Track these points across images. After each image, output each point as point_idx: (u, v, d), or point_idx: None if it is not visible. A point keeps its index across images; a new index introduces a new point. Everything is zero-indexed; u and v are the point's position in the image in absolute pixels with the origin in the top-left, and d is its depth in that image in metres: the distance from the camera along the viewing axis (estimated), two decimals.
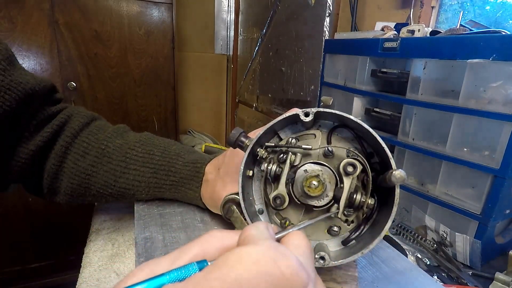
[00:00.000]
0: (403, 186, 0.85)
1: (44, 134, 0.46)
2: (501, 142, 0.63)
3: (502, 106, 0.63)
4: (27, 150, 0.45)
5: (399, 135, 0.87)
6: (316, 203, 0.32)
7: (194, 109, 2.30)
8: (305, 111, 0.32)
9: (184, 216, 0.48)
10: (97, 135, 0.49)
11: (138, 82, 1.62)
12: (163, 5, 1.58)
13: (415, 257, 0.75)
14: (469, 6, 1.07)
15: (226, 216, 0.40)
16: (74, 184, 0.48)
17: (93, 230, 0.52)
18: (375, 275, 0.39)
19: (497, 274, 0.65)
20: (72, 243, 1.36)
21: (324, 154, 0.34)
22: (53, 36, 1.39)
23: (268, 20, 1.69)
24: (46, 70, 1.41)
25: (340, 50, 1.11)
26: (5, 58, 0.42)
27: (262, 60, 1.82)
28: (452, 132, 0.72)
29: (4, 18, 1.28)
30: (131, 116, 1.65)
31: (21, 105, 0.42)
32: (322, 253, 0.30)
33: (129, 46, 1.55)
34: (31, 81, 0.44)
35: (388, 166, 0.30)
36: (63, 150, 0.47)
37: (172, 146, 0.51)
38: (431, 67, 0.77)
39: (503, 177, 0.63)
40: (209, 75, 2.30)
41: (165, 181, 0.48)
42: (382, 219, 0.31)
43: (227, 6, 2.26)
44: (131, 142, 0.49)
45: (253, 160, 0.36)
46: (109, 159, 0.48)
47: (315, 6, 1.28)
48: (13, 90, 0.41)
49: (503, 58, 0.62)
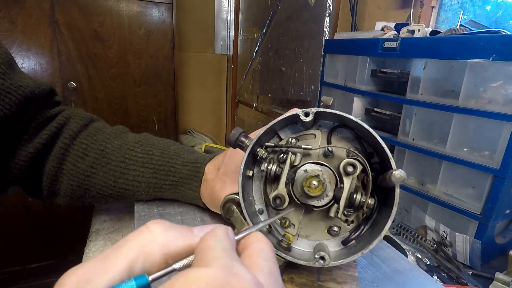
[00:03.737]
0: (403, 186, 0.85)
1: (43, 137, 0.46)
2: (501, 142, 0.63)
3: (502, 106, 0.63)
4: (25, 153, 0.45)
5: (399, 135, 0.87)
6: (316, 203, 0.32)
7: (194, 109, 2.30)
8: (305, 111, 0.32)
9: (184, 216, 0.48)
10: (95, 137, 0.49)
11: (138, 82, 1.62)
12: (163, 5, 1.58)
13: (415, 257, 0.75)
14: (469, 6, 1.06)
15: (226, 216, 0.40)
16: (74, 185, 0.48)
17: (93, 230, 0.52)
18: (375, 275, 0.39)
19: (497, 274, 0.65)
20: (72, 243, 1.36)
21: (324, 154, 0.34)
22: (53, 36, 1.39)
23: (268, 20, 1.69)
24: (46, 70, 1.41)
25: (340, 50, 1.11)
26: (5, 62, 0.42)
27: (262, 60, 1.82)
28: (452, 132, 0.72)
29: (4, 18, 1.28)
30: (131, 116, 1.65)
31: (20, 109, 0.42)
32: (322, 253, 0.30)
33: (129, 46, 1.55)
34: (30, 85, 0.44)
35: (388, 166, 0.30)
36: (62, 152, 0.47)
37: (171, 146, 0.51)
38: (431, 67, 0.77)
39: (503, 177, 0.63)
40: (209, 75, 2.30)
41: (164, 181, 0.48)
42: (382, 219, 0.31)
43: (227, 6, 2.26)
44: (130, 143, 0.49)
45: (253, 160, 0.36)
46: (108, 160, 0.48)
47: (315, 6, 1.28)
48: (13, 94, 0.41)
49: (503, 58, 0.62)
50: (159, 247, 0.18)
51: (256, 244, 0.20)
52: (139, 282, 0.16)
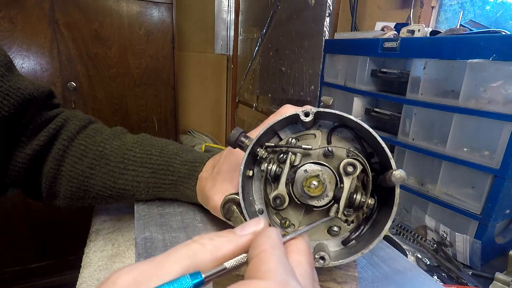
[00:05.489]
0: (403, 186, 0.85)
1: (41, 138, 0.46)
2: (501, 142, 0.63)
3: (502, 106, 0.63)
4: (24, 154, 0.45)
5: (399, 135, 0.87)
6: (316, 203, 0.32)
7: (194, 109, 2.30)
8: (305, 111, 0.32)
9: (184, 216, 0.48)
10: (94, 138, 0.49)
11: (138, 82, 1.62)
12: (163, 5, 1.58)
13: (415, 257, 0.75)
14: (469, 6, 1.06)
15: (226, 216, 0.40)
16: (73, 187, 0.47)
17: (93, 230, 0.52)
18: (375, 275, 0.39)
19: (497, 274, 0.65)
20: (72, 243, 1.36)
21: (324, 154, 0.34)
22: (53, 36, 1.39)
23: (268, 20, 1.69)
24: (46, 70, 1.41)
25: (340, 50, 1.11)
26: (4, 64, 0.42)
27: (262, 60, 1.82)
28: (452, 132, 0.72)
29: (4, 18, 1.28)
30: (131, 116, 1.65)
31: (19, 111, 0.42)
32: (322, 253, 0.30)
33: (129, 46, 1.55)
34: (29, 87, 0.44)
35: (388, 166, 0.30)
36: (60, 153, 0.47)
37: (169, 145, 0.51)
38: (431, 67, 0.77)
39: (503, 177, 0.63)
40: (209, 75, 2.30)
41: (164, 180, 0.48)
42: (382, 219, 0.31)
43: (227, 6, 2.26)
44: (129, 143, 0.49)
45: (253, 160, 0.36)
46: (107, 160, 0.48)
47: (315, 6, 1.28)
48: (12, 96, 0.41)
49: (503, 58, 0.62)
50: (209, 254, 0.18)
51: (295, 256, 0.20)
52: (194, 278, 0.16)
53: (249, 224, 0.21)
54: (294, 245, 0.21)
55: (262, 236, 0.19)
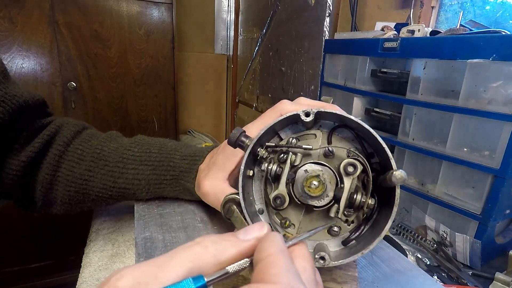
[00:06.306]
0: (403, 186, 0.85)
1: (35, 145, 0.45)
2: (501, 142, 0.63)
3: (502, 106, 0.63)
4: (17, 162, 0.44)
5: (399, 135, 0.87)
6: (317, 203, 0.32)
7: (194, 109, 2.30)
8: (305, 111, 0.32)
9: (184, 216, 0.48)
10: (90, 142, 0.49)
11: (138, 82, 1.62)
12: (163, 5, 1.58)
13: (415, 257, 0.75)
14: (469, 6, 1.06)
15: (226, 216, 0.40)
16: (71, 191, 0.47)
17: (93, 230, 0.52)
18: (375, 275, 0.39)
19: (497, 274, 0.65)
20: (72, 243, 1.36)
21: (324, 154, 0.34)
22: (53, 36, 1.39)
23: (268, 20, 1.69)
24: (46, 70, 1.41)
25: (340, 50, 1.11)
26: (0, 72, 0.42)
27: (262, 60, 1.82)
28: (452, 132, 0.72)
29: (4, 18, 1.28)
30: (131, 116, 1.65)
31: (13, 118, 0.42)
32: (322, 253, 0.30)
33: (129, 46, 1.55)
34: (25, 95, 0.44)
35: (389, 166, 0.30)
36: (56, 159, 0.46)
37: (168, 143, 0.51)
38: (431, 67, 0.77)
39: (503, 177, 0.63)
40: (209, 75, 2.30)
41: (164, 176, 0.48)
42: (382, 219, 0.31)
43: (227, 6, 2.26)
44: (126, 144, 0.50)
45: (254, 160, 0.36)
46: (106, 161, 0.48)
47: (315, 6, 1.28)
48: (7, 103, 0.41)
49: (503, 58, 0.62)
50: (212, 258, 0.18)
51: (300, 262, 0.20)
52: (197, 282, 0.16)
53: (253, 228, 0.21)
54: (298, 251, 0.21)
55: (267, 241, 0.19)
